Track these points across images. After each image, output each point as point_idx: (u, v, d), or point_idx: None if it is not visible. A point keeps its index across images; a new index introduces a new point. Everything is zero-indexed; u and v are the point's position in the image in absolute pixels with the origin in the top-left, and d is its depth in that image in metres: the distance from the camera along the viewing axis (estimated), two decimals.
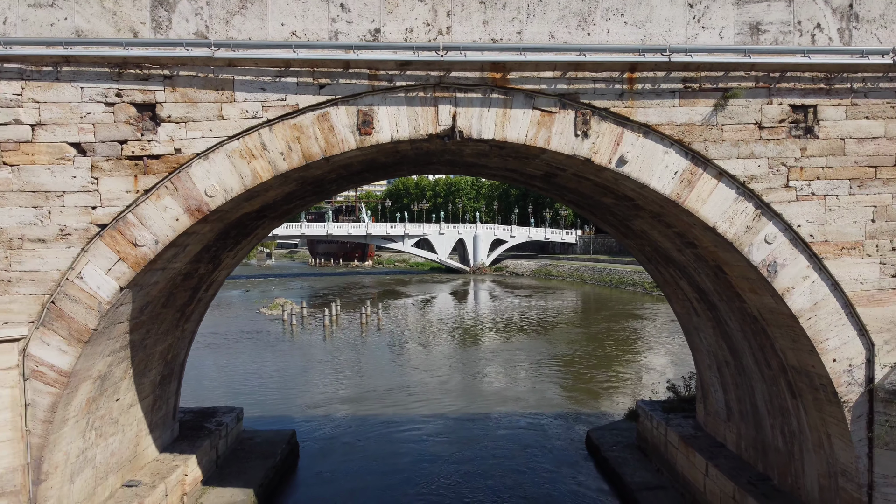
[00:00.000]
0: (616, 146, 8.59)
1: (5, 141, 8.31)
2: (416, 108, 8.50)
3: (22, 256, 8.41)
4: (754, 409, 11.68)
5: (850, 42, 8.44)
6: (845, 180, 8.62)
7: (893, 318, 8.68)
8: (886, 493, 8.63)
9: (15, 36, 8.18)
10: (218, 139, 8.42)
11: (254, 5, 8.24)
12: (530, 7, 8.31)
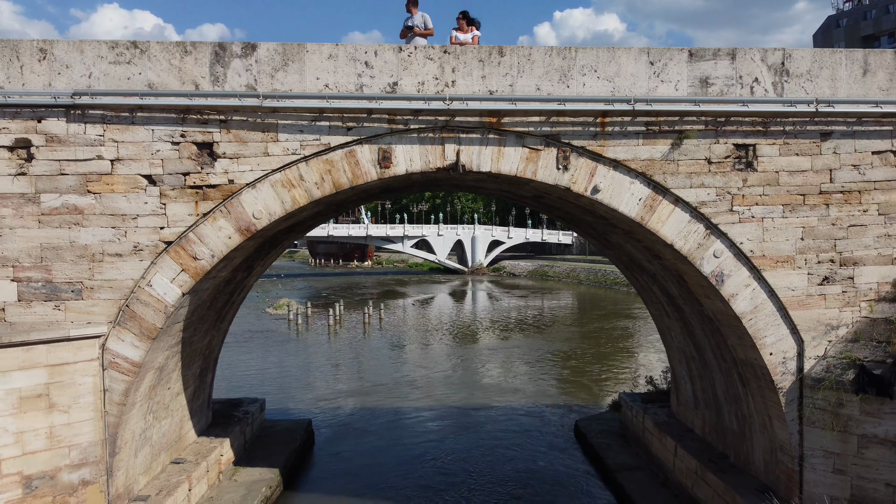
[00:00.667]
0: (591, 178, 10.43)
1: (90, 173, 10.13)
2: (426, 147, 10.34)
3: (102, 268, 10.23)
4: (715, 398, 13.55)
5: (782, 93, 10.29)
6: (779, 206, 10.47)
7: (819, 319, 10.54)
8: (813, 463, 10.49)
9: (98, 88, 10.00)
10: (264, 171, 10.25)
11: (294, 63, 10.08)
12: (520, 65, 10.15)
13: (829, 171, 10.47)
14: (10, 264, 10.15)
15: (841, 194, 10.49)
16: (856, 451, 10.13)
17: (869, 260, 10.55)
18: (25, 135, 10.05)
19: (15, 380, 9.64)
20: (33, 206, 10.13)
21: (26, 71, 9.99)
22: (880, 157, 10.49)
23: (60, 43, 10.08)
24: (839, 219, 10.50)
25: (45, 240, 10.17)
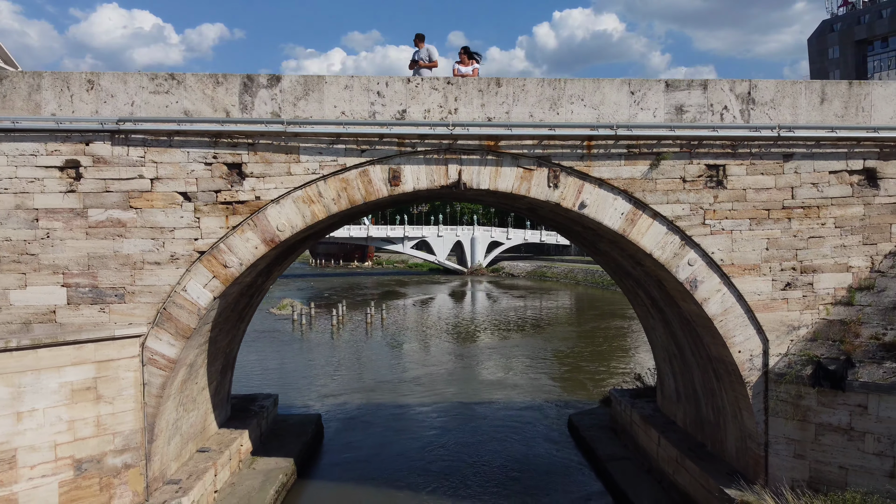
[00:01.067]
0: (578, 194, 11.69)
1: (132, 190, 11.38)
2: (431, 167, 11.59)
3: (143, 275, 11.48)
4: (694, 392, 14.81)
5: (748, 119, 11.55)
6: (747, 220, 11.73)
7: (782, 321, 11.80)
8: (777, 449, 11.75)
9: (140, 115, 11.25)
10: (287, 189, 11.50)
11: (314, 93, 11.33)
12: (515, 94, 11.41)
13: (790, 188, 11.74)
14: (61, 271, 11.40)
15: (801, 209, 11.75)
16: (813, 438, 11.40)
17: (826, 268, 11.81)
18: (75, 156, 11.30)
19: (68, 374, 10.89)
20: (81, 219, 11.38)
21: (76, 99, 11.24)
22: (836, 176, 11.75)
23: (106, 75, 11.33)
24: (800, 231, 11.76)
25: (91, 250, 11.42)
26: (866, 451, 10.89)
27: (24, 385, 10.49)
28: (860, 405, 10.93)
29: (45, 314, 11.42)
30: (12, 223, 11.30)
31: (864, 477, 10.88)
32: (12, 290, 11.37)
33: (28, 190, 11.30)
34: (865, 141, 11.61)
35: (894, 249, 11.78)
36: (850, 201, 11.78)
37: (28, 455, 10.51)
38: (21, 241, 11.33)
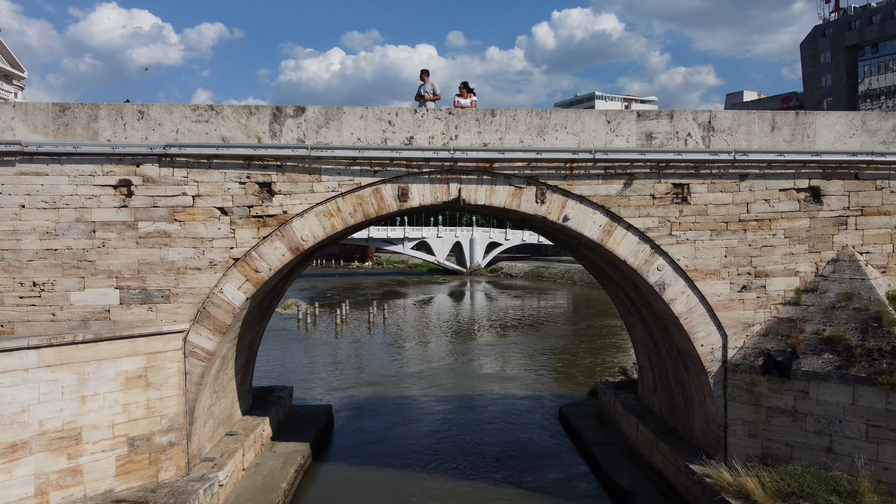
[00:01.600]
0: (562, 209, 13.50)
1: (176, 206, 13.18)
2: (435, 185, 13.40)
3: (185, 279, 13.27)
4: (668, 383, 16.62)
5: (709, 145, 13.36)
6: (708, 231, 13.54)
7: (738, 318, 13.61)
8: (734, 430, 13.56)
9: (183, 141, 13.04)
10: (310, 204, 13.30)
11: (334, 122, 13.13)
12: (507, 123, 13.21)
13: (746, 204, 13.55)
14: (114, 276, 13.20)
15: (755, 222, 13.56)
16: (764, 420, 13.21)
17: (777, 272, 13.63)
18: (127, 176, 13.10)
19: (123, 364, 12.69)
20: (132, 231, 13.18)
21: (128, 127, 13.03)
22: (786, 194, 13.57)
23: (154, 106, 13.13)
24: (754, 241, 13.57)
25: (141, 257, 13.22)
26: (808, 430, 12.72)
27: (88, 373, 12.29)
28: (803, 391, 12.75)
29: (100, 313, 13.21)
30: (73, 234, 13.10)
31: (806, 452, 12.70)
32: (73, 292, 13.17)
33: (86, 205, 13.10)
34: (810, 163, 13.42)
35: (836, 257, 13.59)
36: (797, 215, 13.59)
37: (91, 433, 12.31)
38: (80, 250, 13.13)
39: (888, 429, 11.91)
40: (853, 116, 13.62)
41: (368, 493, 15.96)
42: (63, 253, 13.11)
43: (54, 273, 13.12)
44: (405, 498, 15.62)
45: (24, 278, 13.10)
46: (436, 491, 16.00)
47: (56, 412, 11.91)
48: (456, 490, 16.04)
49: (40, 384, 11.75)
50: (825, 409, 12.51)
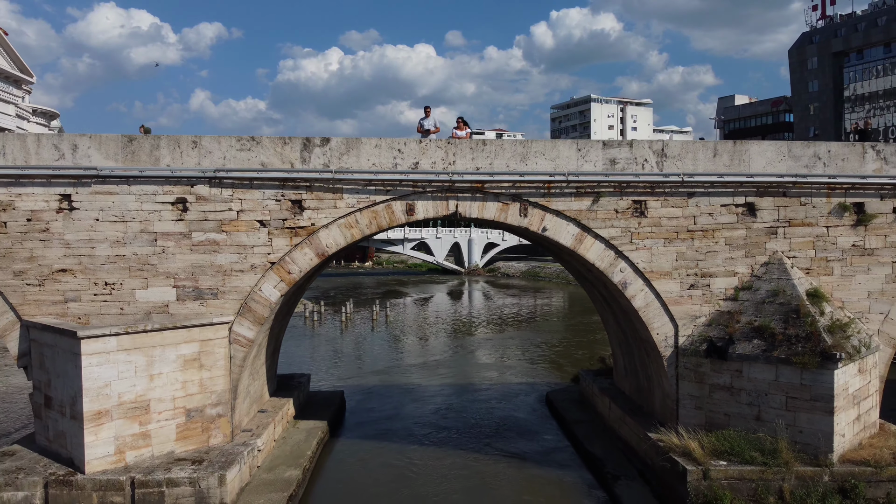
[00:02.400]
0: (542, 221, 16.34)
1: (223, 219, 16.00)
2: (436, 202, 16.23)
3: (231, 279, 16.09)
4: (635, 367, 19.47)
5: (662, 169, 16.20)
6: (662, 239, 16.38)
7: (687, 312, 16.45)
8: (684, 403, 16.40)
9: (230, 166, 15.87)
10: (333, 218, 16.13)
11: (353, 150, 15.97)
12: (496, 151, 16.06)
13: (693, 217, 16.40)
14: (172, 277, 16.02)
15: (701, 232, 16.41)
16: (708, 395, 16.06)
17: (720, 273, 16.48)
18: (183, 195, 15.92)
19: (182, 349, 15.52)
20: (187, 240, 16.00)
21: (184, 155, 15.86)
22: (726, 208, 16.41)
23: (206, 137, 15.95)
24: (700, 247, 16.42)
25: (194, 261, 16.04)
26: (741, 402, 15.57)
27: (155, 356, 15.12)
28: (737, 370, 15.60)
29: (160, 307, 16.04)
30: (138, 243, 15.93)
31: (740, 420, 15.55)
32: (137, 290, 16.01)
33: (149, 219, 15.93)
34: (746, 183, 16.26)
35: (767, 260, 16.44)
36: (735, 226, 16.44)
37: (157, 404, 15.14)
38: (144, 255, 15.96)
39: (802, 399, 14.77)
40: (780, 145, 16.49)
41: (378, 462, 18.80)
42: (130, 258, 15.94)
43: (123, 274, 15.95)
44: (410, 465, 18.47)
45: (97, 279, 15.94)
46: (437, 458, 18.86)
47: (131, 387, 14.74)
48: (455, 458, 18.88)
49: (119, 364, 14.58)
50: (755, 385, 15.37)
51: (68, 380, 14.67)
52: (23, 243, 15.85)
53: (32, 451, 15.72)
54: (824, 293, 16.05)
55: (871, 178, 16.31)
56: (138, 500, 13.98)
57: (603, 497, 16.32)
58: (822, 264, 16.51)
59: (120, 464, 14.58)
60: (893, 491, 14.23)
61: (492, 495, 16.61)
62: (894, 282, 16.60)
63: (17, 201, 15.80)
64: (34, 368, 15.97)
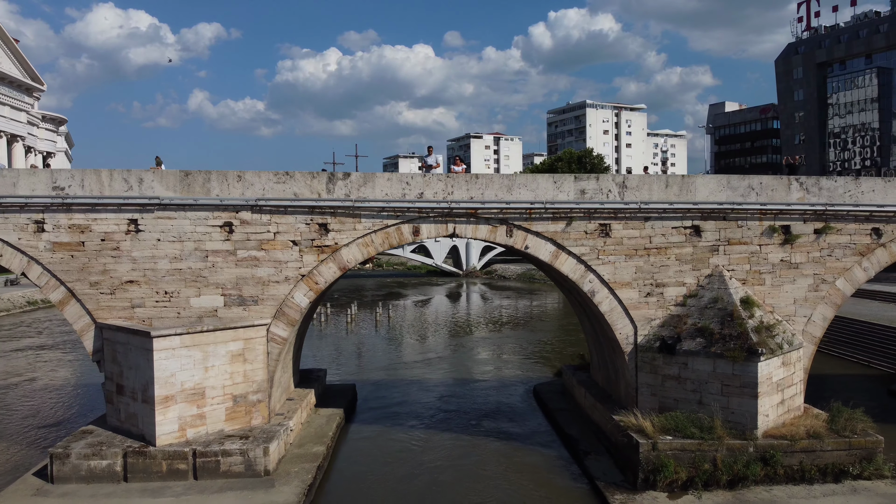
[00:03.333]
0: (524, 241, 19.83)
1: (263, 240, 19.46)
2: (438, 225, 19.72)
3: (268, 289, 19.57)
4: (605, 362, 22.97)
5: (623, 198, 19.69)
6: (623, 255, 19.87)
7: (645, 315, 19.94)
8: (642, 391, 19.89)
9: (268, 196, 19.34)
10: (353, 238, 19.61)
11: (369, 183, 19.45)
12: (486, 183, 19.55)
13: (649, 237, 19.89)
14: (220, 287, 19.49)
15: (655, 249, 19.91)
16: (660, 383, 19.55)
17: (671, 283, 19.97)
18: (229, 219, 19.39)
19: (229, 346, 18.98)
20: (232, 256, 19.47)
21: (230, 186, 19.32)
22: (676, 230, 19.91)
23: (248, 172, 19.42)
24: (655, 262, 19.91)
25: (238, 274, 19.51)
26: (687, 389, 19.07)
27: (209, 351, 18.59)
28: (684, 363, 19.09)
29: (210, 312, 19.51)
30: (192, 259, 19.39)
31: (685, 404, 19.02)
32: (192, 298, 19.47)
33: (202, 239, 19.40)
34: (692, 210, 19.77)
35: (710, 273, 19.93)
36: (684, 244, 19.94)
37: (210, 391, 18.60)
38: (197, 269, 19.43)
39: (734, 386, 18.27)
40: (721, 178, 20.02)
41: (387, 441, 22.28)
42: (185, 271, 19.41)
43: (179, 285, 19.43)
44: (414, 443, 21.98)
45: (159, 288, 19.41)
46: (437, 438, 22.36)
47: (190, 376, 18.22)
48: (453, 438, 22.39)
49: (181, 358, 18.06)
50: (697, 375, 18.87)
51: (140, 371, 18.15)
52: (97, 259, 19.33)
53: (106, 429, 19.20)
54: (755, 300, 19.56)
55: (795, 205, 19.84)
56: (199, 467, 17.48)
57: (576, 470, 19.81)
58: (756, 276, 20.03)
59: (182, 439, 18.07)
60: (805, 459, 17.76)
61: (484, 467, 20.10)
62: (815, 290, 20.14)
63: (93, 225, 19.29)
64: (106, 362, 19.44)
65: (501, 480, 19.19)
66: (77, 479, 17.38)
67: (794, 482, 17.61)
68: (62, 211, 19.24)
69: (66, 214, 19.25)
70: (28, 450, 21.85)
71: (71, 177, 19.29)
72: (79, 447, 17.77)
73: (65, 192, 19.16)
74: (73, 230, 19.29)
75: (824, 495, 17.09)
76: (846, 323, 38.92)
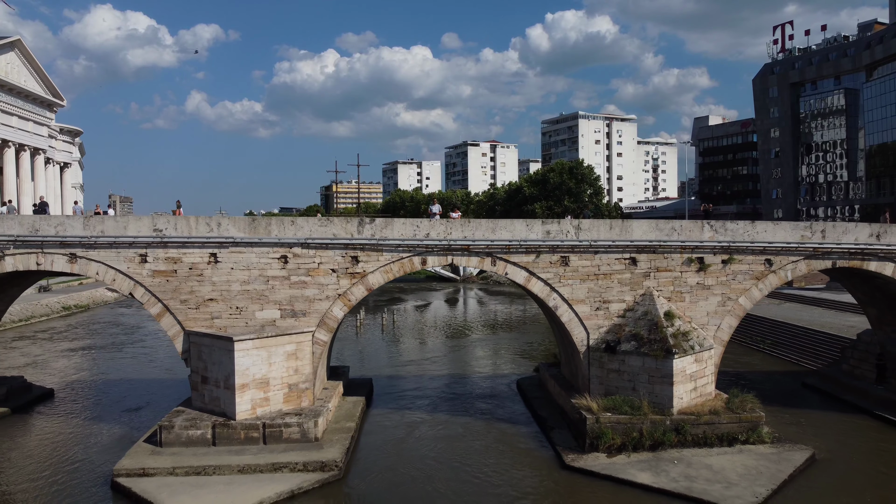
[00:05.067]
0: (505, 268, 26.55)
1: (310, 268, 26.15)
2: (440, 257, 26.44)
3: (314, 305, 26.27)
4: (570, 359, 29.68)
5: (578, 237, 26.40)
6: (579, 280, 26.59)
7: (595, 324, 26.64)
8: (593, 381, 26.59)
9: (314, 236, 26.04)
10: (377, 267, 26.32)
11: (389, 226, 26.16)
12: (476, 226, 26.28)
13: (598, 266, 26.60)
14: (277, 303, 26.17)
15: (603, 275, 26.61)
16: (606, 375, 26.26)
17: (614, 300, 26.68)
18: (285, 253, 26.08)
19: (286, 347, 25.66)
20: (286, 280, 26.15)
21: (286, 228, 26.01)
22: (618, 260, 26.61)
23: (299, 219, 26.12)
24: (602, 284, 26.61)
25: (291, 294, 26.20)
26: (624, 379, 25.77)
27: (271, 351, 25.26)
28: (622, 360, 25.79)
29: (270, 322, 26.18)
30: (257, 282, 26.08)
31: (623, 390, 25.71)
32: (256, 311, 26.15)
33: (264, 268, 26.08)
34: (629, 245, 26.47)
35: (644, 292, 26.63)
36: (624, 271, 26.65)
37: (273, 381, 25.28)
38: (260, 290, 26.11)
39: (657, 377, 24.97)
40: (651, 222, 26.75)
41: (400, 421, 28.98)
42: (252, 292, 26.09)
43: (247, 302, 26.11)
44: (419, 420, 28.69)
45: (232, 304, 26.09)
46: (437, 417, 29.10)
47: (259, 370, 24.90)
48: (449, 417, 29.11)
49: (252, 356, 24.73)
50: (631, 369, 25.56)
51: (222, 366, 24.82)
52: (186, 283, 26.01)
53: (193, 409, 25.84)
54: (676, 313, 26.28)
55: (707, 242, 26.58)
56: (267, 435, 24.13)
57: (544, 440, 26.47)
58: (678, 295, 26.77)
59: (253, 415, 24.73)
60: (707, 430, 24.46)
61: (475, 440, 26.78)
62: (723, 306, 26.87)
63: (184, 257, 25.97)
64: (193, 359, 26.09)
65: (488, 448, 25.88)
66: (179, 444, 24.02)
67: (698, 446, 24.29)
68: (160, 247, 25.92)
69: (163, 250, 25.93)
70: (123, 427, 28.47)
71: (167, 222, 25.99)
72: (179, 421, 24.44)
73: (162, 233, 25.85)
74: (168, 261, 25.98)
75: (719, 455, 23.77)
76: (786, 328, 45.78)
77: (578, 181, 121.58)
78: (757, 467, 22.43)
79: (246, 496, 20.40)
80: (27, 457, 25.16)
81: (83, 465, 24.14)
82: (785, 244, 26.77)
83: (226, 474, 22.03)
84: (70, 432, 28.11)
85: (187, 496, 20.46)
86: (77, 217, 26.97)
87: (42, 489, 22.07)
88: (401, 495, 21.51)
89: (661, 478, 21.79)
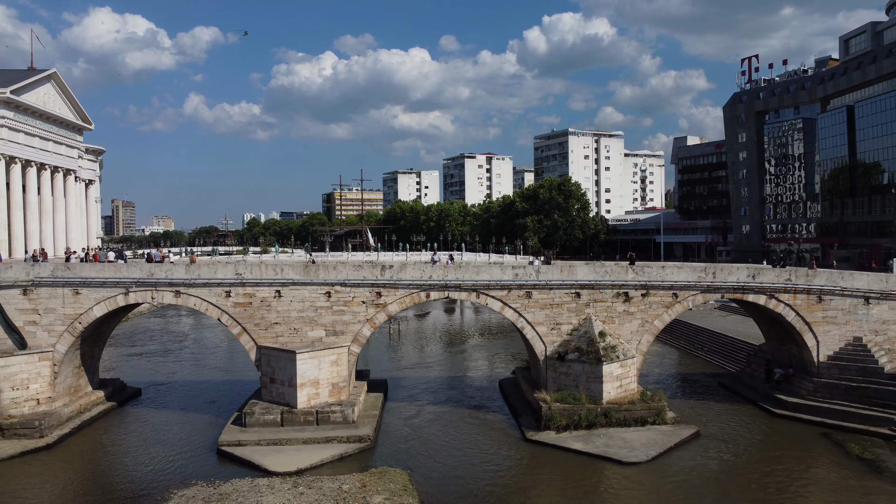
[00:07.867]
0: (486, 301, 37.11)
1: (347, 300, 36.69)
2: (440, 292, 37.00)
3: (349, 326, 36.81)
4: (535, 364, 40.23)
5: (538, 278, 36.92)
6: (539, 308, 37.13)
7: (551, 339, 37.17)
8: (549, 381, 37.16)
9: (350, 278, 36.59)
10: (395, 300, 36.86)
11: (403, 269, 36.73)
12: (465, 269, 36.82)
13: (552, 298, 37.19)
14: (323, 325, 36.72)
15: (556, 305, 37.15)
16: (558, 376, 36.83)
17: (564, 323, 37.24)
18: (329, 290, 36.63)
19: (330, 357, 36.18)
20: (330, 309, 36.70)
21: (329, 272, 36.56)
22: (566, 294, 37.15)
23: (340, 265, 36.66)
24: (556, 312, 37.14)
25: (333, 318, 36.74)
26: (570, 380, 36.30)
27: (321, 360, 35.79)
28: (569, 366, 36.33)
29: (317, 339, 36.71)
30: (308, 310, 36.62)
31: (570, 388, 36.22)
32: (308, 331, 36.70)
33: (313, 299, 36.63)
34: (575, 283, 37.01)
35: (586, 317, 37.15)
36: (570, 302, 37.18)
37: (322, 381, 35.80)
38: (310, 316, 36.66)
39: (592, 378, 35.50)
40: (590, 266, 37.30)
41: (411, 410, 39.52)
42: (305, 317, 36.63)
43: (302, 324, 36.65)
44: (424, 409, 39.26)
45: (291, 326, 36.65)
46: (436, 407, 39.68)
47: (312, 373, 35.44)
48: (445, 407, 39.70)
49: (308, 363, 35.27)
50: (576, 372, 36.09)
51: (286, 371, 35.32)
52: (258, 311, 36.54)
53: (264, 401, 36.33)
54: (608, 332, 36.81)
55: (630, 281, 37.16)
56: (319, 419, 34.64)
57: (514, 423, 36.96)
58: (610, 319, 37.32)
59: (308, 405, 35.25)
60: (626, 415, 35.00)
61: (464, 423, 37.31)
62: (642, 327, 37.43)
63: (256, 293, 36.52)
64: (263, 365, 36.57)
65: (474, 428, 36.40)
66: (258, 425, 34.48)
67: (620, 426, 34.76)
68: (239, 286, 36.45)
69: (242, 287, 36.46)
70: (208, 415, 38.93)
71: (246, 267, 36.53)
72: (257, 409, 34.95)
73: (241, 276, 36.39)
74: (246, 296, 36.50)
75: (633, 432, 34.24)
76: (719, 337, 56.41)
77: (567, 196, 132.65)
78: (655, 439, 32.98)
79: (311, 457, 30.90)
80: (146, 436, 35.64)
81: (190, 440, 34.61)
82: (686, 282, 37.36)
83: (294, 444, 32.54)
84: (168, 419, 38.58)
85: (273, 457, 30.97)
86: (180, 265, 37.47)
87: (168, 456, 32.53)
88: (413, 456, 32.02)
89: (589, 445, 32.33)
